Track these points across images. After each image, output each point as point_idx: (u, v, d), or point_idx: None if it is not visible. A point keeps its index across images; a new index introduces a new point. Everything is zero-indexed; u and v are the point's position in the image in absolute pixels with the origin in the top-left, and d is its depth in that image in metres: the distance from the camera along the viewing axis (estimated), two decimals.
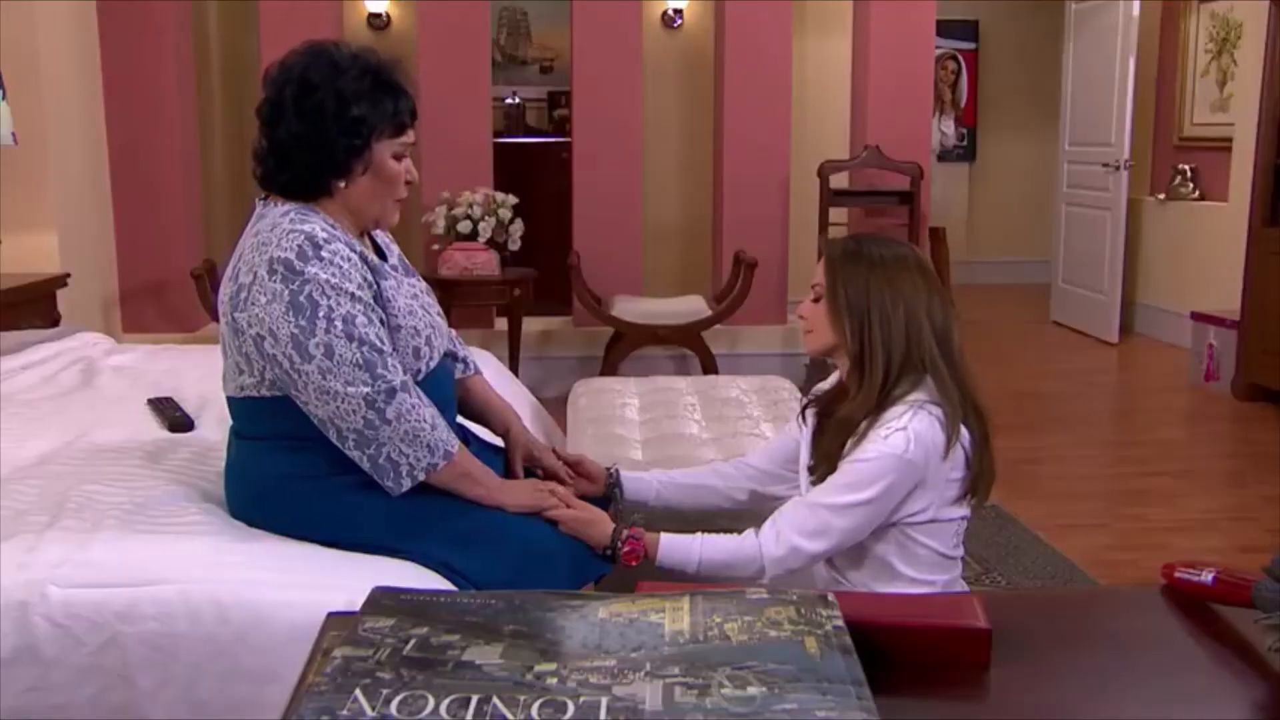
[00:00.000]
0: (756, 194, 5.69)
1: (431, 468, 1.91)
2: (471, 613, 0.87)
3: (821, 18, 7.10)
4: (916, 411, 1.88)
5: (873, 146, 5.57)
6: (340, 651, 0.81)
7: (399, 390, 1.86)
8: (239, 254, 1.94)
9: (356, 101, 1.90)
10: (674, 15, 7.38)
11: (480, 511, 1.99)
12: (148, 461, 2.28)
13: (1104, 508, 4.12)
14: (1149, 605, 1.13)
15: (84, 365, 3.25)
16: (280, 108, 1.91)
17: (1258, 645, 0.97)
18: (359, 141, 1.91)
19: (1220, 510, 4.06)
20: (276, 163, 1.94)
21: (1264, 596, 0.97)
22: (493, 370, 3.25)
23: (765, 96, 5.65)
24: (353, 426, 1.86)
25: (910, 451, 1.84)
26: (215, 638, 1.80)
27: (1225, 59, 6.56)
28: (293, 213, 1.90)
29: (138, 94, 5.32)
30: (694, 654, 0.81)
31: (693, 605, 0.88)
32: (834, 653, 0.82)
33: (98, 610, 1.79)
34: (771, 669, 0.79)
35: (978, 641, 0.96)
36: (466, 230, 5.06)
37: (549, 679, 0.77)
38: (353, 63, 1.94)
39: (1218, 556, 3.51)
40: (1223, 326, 5.67)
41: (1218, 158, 6.28)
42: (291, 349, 1.83)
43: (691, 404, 3.31)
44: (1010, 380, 6.10)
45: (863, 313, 1.94)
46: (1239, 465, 4.58)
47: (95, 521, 1.96)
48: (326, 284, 1.83)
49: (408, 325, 1.99)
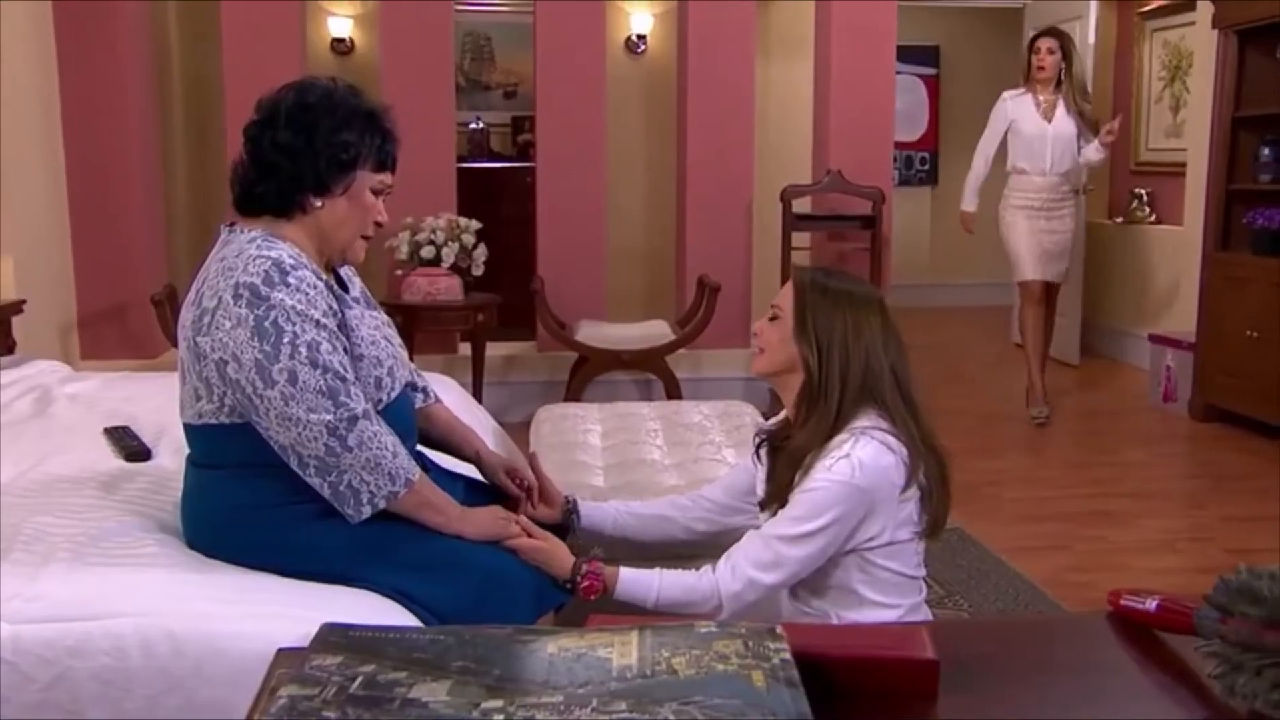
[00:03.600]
0: (720, 218, 5.72)
1: (392, 495, 1.91)
2: (420, 649, 0.87)
3: (784, 44, 7.16)
4: (859, 438, 1.90)
5: (835, 171, 5.62)
6: (286, 691, 0.80)
7: (361, 418, 1.87)
8: (202, 279, 1.93)
9: (348, 125, 1.94)
10: (637, 41, 7.42)
11: (439, 540, 1.99)
12: (103, 492, 2.25)
13: (1065, 529, 4.15)
14: (1095, 632, 1.15)
15: (39, 393, 3.20)
16: (272, 122, 1.93)
17: (1198, 671, 0.99)
18: (345, 158, 1.94)
19: (1179, 531, 4.11)
20: (258, 174, 1.94)
21: (1204, 624, 0.98)
22: (455, 396, 3.25)
23: (728, 122, 5.69)
24: (314, 453, 1.85)
25: (857, 477, 1.86)
26: (169, 671, 1.78)
27: (1178, 85, 6.69)
28: (259, 239, 1.91)
29: (97, 117, 5.27)
30: (641, 689, 0.82)
31: (641, 640, 0.89)
32: (780, 686, 0.83)
33: (48, 646, 1.76)
34: (717, 703, 0.80)
35: (925, 672, 0.97)
36: (430, 255, 5.05)
37: (495, 715, 0.78)
38: (350, 94, 1.98)
39: (1177, 577, 3.58)
40: (1180, 349, 5.76)
41: (1173, 182, 6.39)
42: (255, 374, 1.82)
43: (654, 429, 3.32)
44: (973, 402, 6.15)
45: (826, 344, 1.97)
46: (1197, 486, 4.64)
47: (47, 554, 1.93)
48: (292, 310, 1.83)
49: (370, 355, 1.99)
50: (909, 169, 9.38)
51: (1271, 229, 5.20)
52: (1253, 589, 0.94)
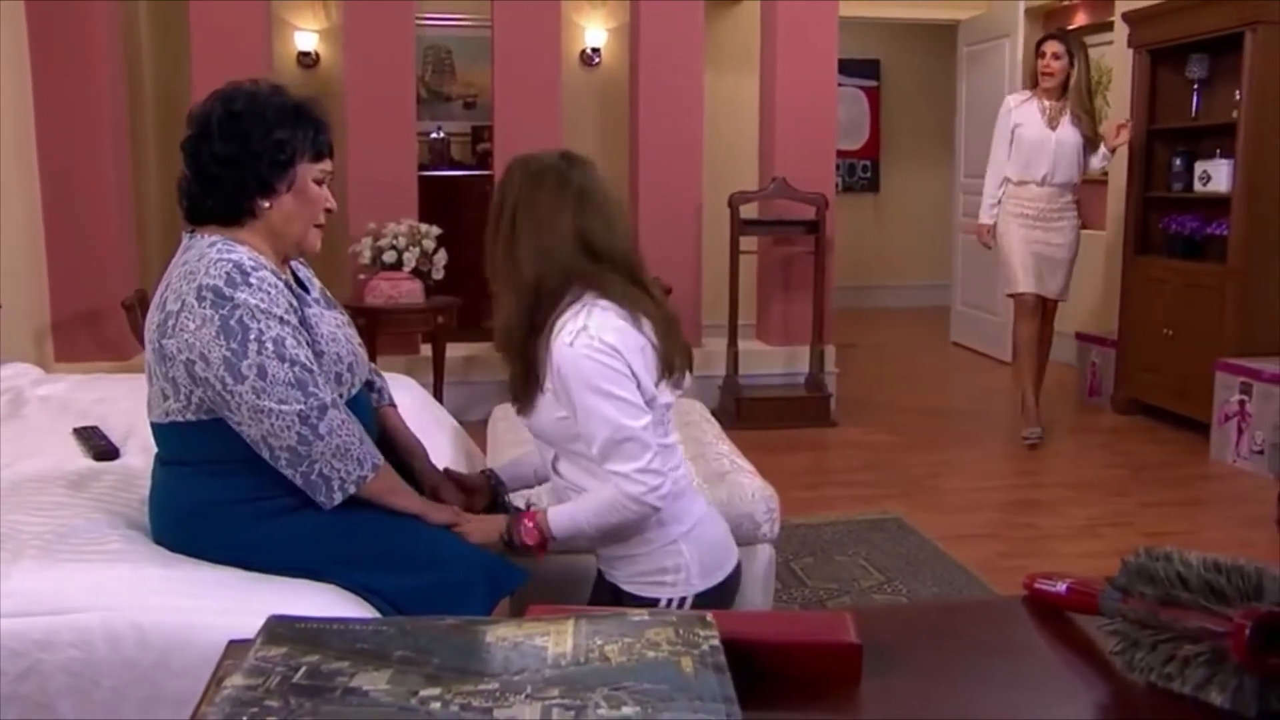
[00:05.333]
0: (671, 223, 5.73)
1: (361, 480, 1.91)
2: (363, 640, 0.87)
3: (731, 57, 7.19)
4: (588, 309, 1.87)
5: (780, 178, 5.64)
6: (231, 681, 0.80)
7: (329, 407, 1.87)
8: (165, 283, 1.92)
9: (279, 125, 1.92)
10: (592, 54, 7.43)
11: (399, 534, 1.98)
12: (71, 490, 2.23)
13: (998, 518, 4.21)
14: (1011, 615, 1.16)
15: (11, 396, 3.16)
16: (206, 135, 1.91)
17: (1103, 649, 1.00)
18: (283, 157, 1.92)
19: (1101, 517, 4.18)
20: (202, 187, 1.93)
21: (1107, 604, 1.00)
22: (416, 395, 3.23)
23: (679, 131, 5.71)
24: (286, 444, 1.84)
25: (599, 342, 1.84)
26: (135, 663, 1.77)
27: (1099, 100, 6.78)
28: (219, 243, 1.90)
29: (70, 128, 5.20)
30: (574, 676, 0.82)
31: (576, 628, 0.89)
32: (708, 671, 0.83)
33: (17, 639, 1.75)
34: (647, 688, 0.80)
35: (849, 656, 0.97)
36: (392, 260, 5.03)
37: (433, 703, 0.78)
38: (274, 93, 1.96)
39: (1099, 560, 3.63)
40: (1103, 346, 5.84)
41: (1097, 190, 6.47)
42: (224, 371, 1.81)
43: None
44: (914, 399, 6.21)
45: (497, 238, 1.95)
46: (1118, 475, 4.71)
47: (16, 551, 1.91)
48: (256, 308, 1.82)
49: (330, 351, 1.99)
50: (852, 176, 9.44)
51: (1184, 234, 5.30)
52: (1149, 570, 0.96)
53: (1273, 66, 4.79)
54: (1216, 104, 5.34)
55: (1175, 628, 0.92)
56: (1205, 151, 5.28)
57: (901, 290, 9.53)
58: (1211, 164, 5.17)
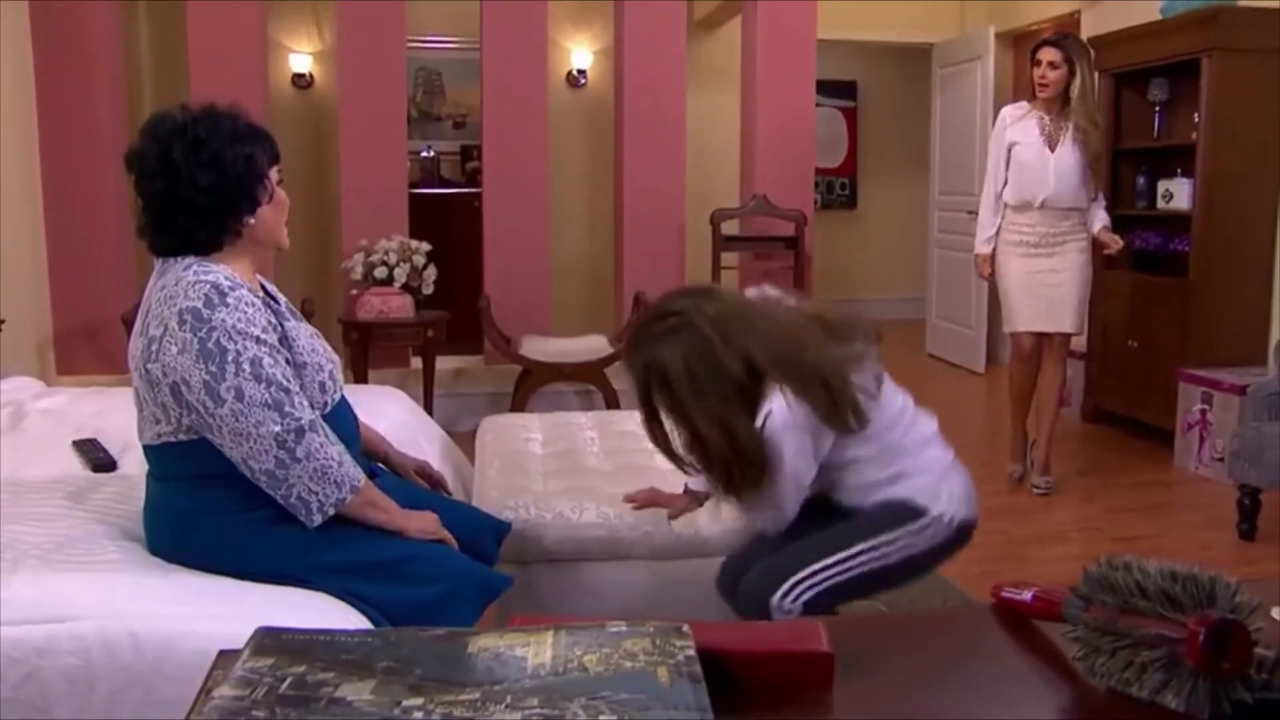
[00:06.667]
0: (654, 240, 5.74)
1: (340, 502, 1.91)
2: (348, 651, 0.87)
3: (713, 77, 7.22)
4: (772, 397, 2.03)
5: (760, 195, 5.66)
6: (220, 692, 0.80)
7: (307, 430, 1.86)
8: (146, 309, 1.91)
9: (241, 141, 1.91)
10: (578, 75, 7.45)
11: (387, 542, 1.98)
12: (70, 501, 2.22)
13: None
14: (980, 623, 1.17)
15: (13, 409, 3.15)
16: (174, 174, 1.87)
17: (1066, 655, 1.01)
18: (258, 170, 1.93)
19: (1071, 523, 4.19)
20: (191, 220, 1.90)
21: (1070, 612, 1.00)
22: (406, 407, 3.23)
23: (662, 149, 5.72)
24: (264, 467, 1.84)
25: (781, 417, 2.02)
26: (130, 669, 1.77)
27: None
28: (195, 266, 1.89)
29: (72, 144, 5.20)
30: (553, 685, 0.82)
31: (556, 639, 0.89)
32: (683, 681, 0.83)
33: (16, 646, 1.75)
34: (624, 698, 0.80)
35: (821, 665, 0.98)
36: (383, 276, 5.02)
37: (415, 713, 0.77)
38: (223, 115, 1.94)
39: (1068, 564, 3.63)
40: (1073, 357, 5.85)
41: None
42: (205, 395, 1.81)
43: (591, 438, 3.31)
44: None
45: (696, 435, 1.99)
46: (1087, 482, 4.73)
47: (16, 560, 1.91)
48: (233, 329, 1.82)
49: (312, 362, 1.99)
50: (830, 193, 9.47)
51: (1148, 250, 5.34)
52: (1110, 579, 0.96)
53: (1228, 91, 4.84)
54: (1177, 125, 5.39)
55: (1134, 634, 0.93)
56: (1167, 170, 5.33)
57: (878, 304, 9.54)
58: (1173, 183, 5.21)
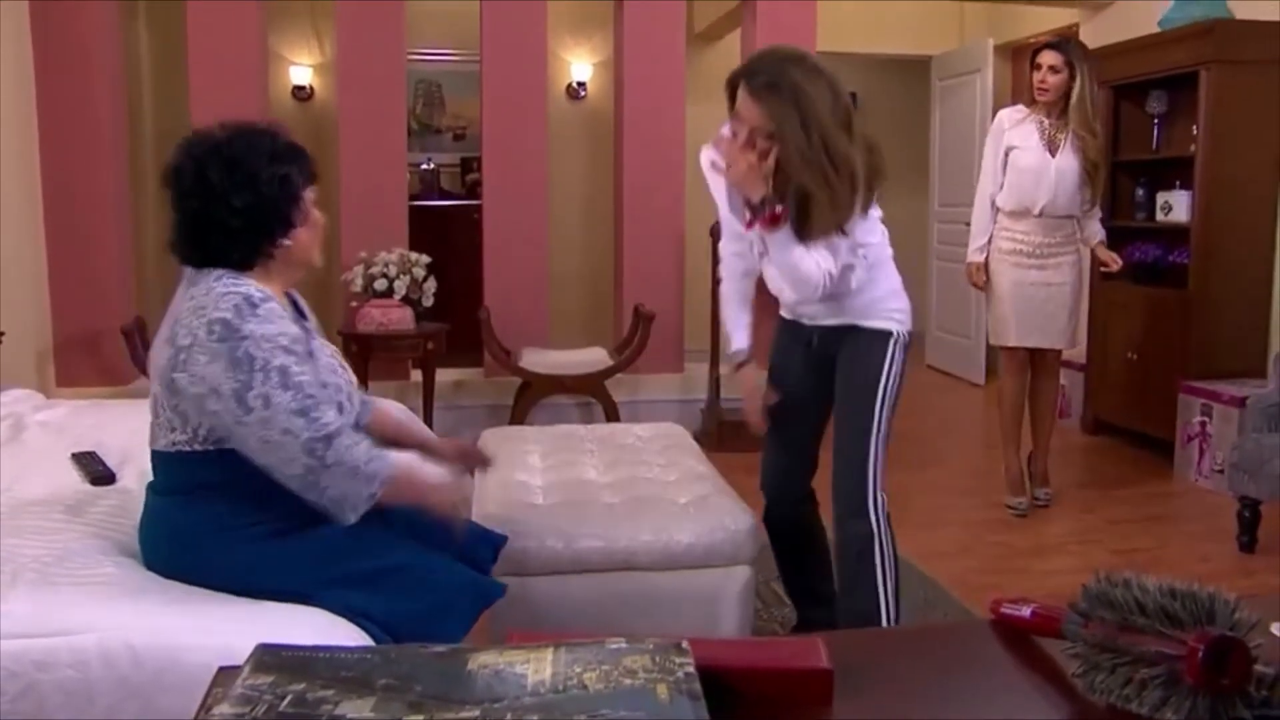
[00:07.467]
0: (654, 252, 5.75)
1: (372, 497, 1.92)
2: (347, 668, 0.87)
3: (712, 90, 7.21)
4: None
5: None
6: (220, 709, 0.80)
7: (334, 436, 1.86)
8: (173, 318, 1.92)
9: (279, 161, 1.92)
10: (578, 87, 7.47)
11: (384, 555, 1.99)
12: (69, 514, 2.22)
13: (971, 535, 4.21)
14: (979, 638, 1.17)
15: (12, 421, 3.15)
16: (209, 193, 1.89)
17: (1066, 671, 1.01)
18: (293, 191, 1.93)
19: (1070, 534, 4.19)
20: (225, 240, 1.91)
21: (1069, 628, 1.00)
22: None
23: (661, 161, 5.73)
24: (294, 473, 1.86)
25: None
26: (129, 681, 1.77)
27: None
28: (225, 277, 1.90)
29: (72, 160, 5.20)
30: (553, 703, 0.82)
31: (555, 656, 0.89)
32: (683, 698, 0.83)
33: (15, 660, 1.75)
34: (624, 715, 0.80)
35: (820, 681, 0.97)
36: (383, 288, 5.02)
37: None
38: (262, 133, 1.95)
39: (1068, 576, 3.64)
40: (1072, 369, 5.86)
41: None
42: (233, 403, 1.82)
43: (591, 450, 3.31)
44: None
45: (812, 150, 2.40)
46: (1086, 493, 4.73)
47: (15, 574, 1.91)
48: (262, 339, 1.83)
49: (331, 383, 2.00)
50: None
51: (1147, 262, 5.34)
52: (1109, 596, 0.96)
53: (1227, 103, 4.85)
54: (1176, 137, 5.40)
55: (1133, 651, 0.93)
56: (1166, 183, 5.34)
57: None
58: (1172, 195, 5.22)
